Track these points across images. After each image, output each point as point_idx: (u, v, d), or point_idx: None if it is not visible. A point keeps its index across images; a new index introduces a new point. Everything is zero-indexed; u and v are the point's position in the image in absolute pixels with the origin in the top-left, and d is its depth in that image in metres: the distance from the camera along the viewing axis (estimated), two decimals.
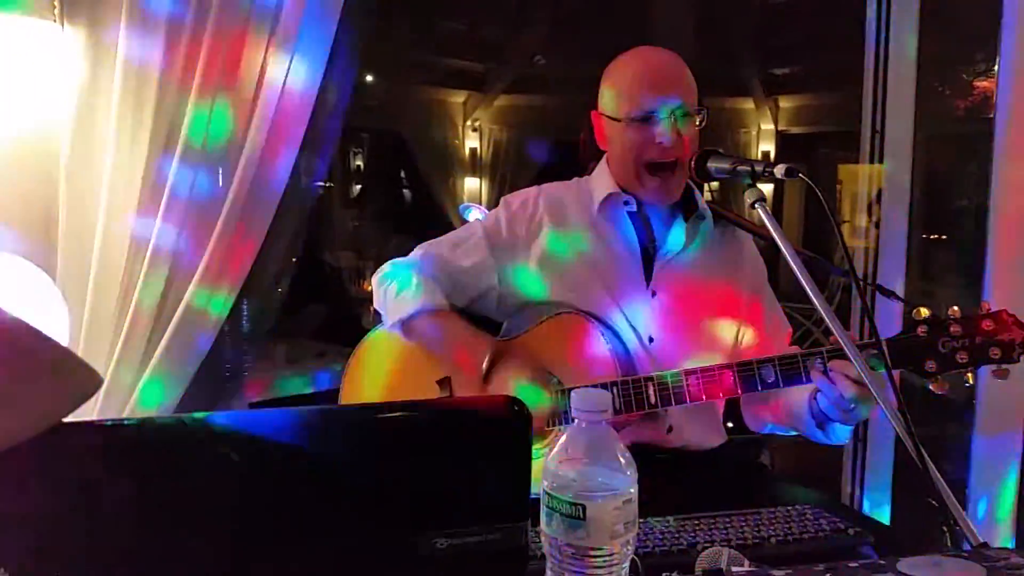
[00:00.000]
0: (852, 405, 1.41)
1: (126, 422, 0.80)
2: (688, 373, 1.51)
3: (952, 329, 1.40)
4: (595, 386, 1.51)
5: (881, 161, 2.71)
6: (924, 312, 1.43)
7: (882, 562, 0.97)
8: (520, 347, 1.64)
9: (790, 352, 1.49)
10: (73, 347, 2.05)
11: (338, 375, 1.84)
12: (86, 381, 0.60)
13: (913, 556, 0.97)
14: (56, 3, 2.04)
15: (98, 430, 0.73)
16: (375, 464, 0.82)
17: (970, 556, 0.98)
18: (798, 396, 1.54)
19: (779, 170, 1.38)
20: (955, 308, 1.42)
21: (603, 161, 1.76)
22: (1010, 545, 2.32)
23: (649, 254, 1.70)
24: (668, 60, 1.66)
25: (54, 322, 1.88)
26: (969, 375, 1.41)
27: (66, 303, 1.94)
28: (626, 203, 1.69)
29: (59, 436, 0.61)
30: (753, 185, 1.43)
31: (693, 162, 1.56)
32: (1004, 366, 1.39)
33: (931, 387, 1.41)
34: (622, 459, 0.89)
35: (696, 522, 1.29)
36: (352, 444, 0.82)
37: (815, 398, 1.51)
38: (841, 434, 1.58)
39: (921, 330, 1.42)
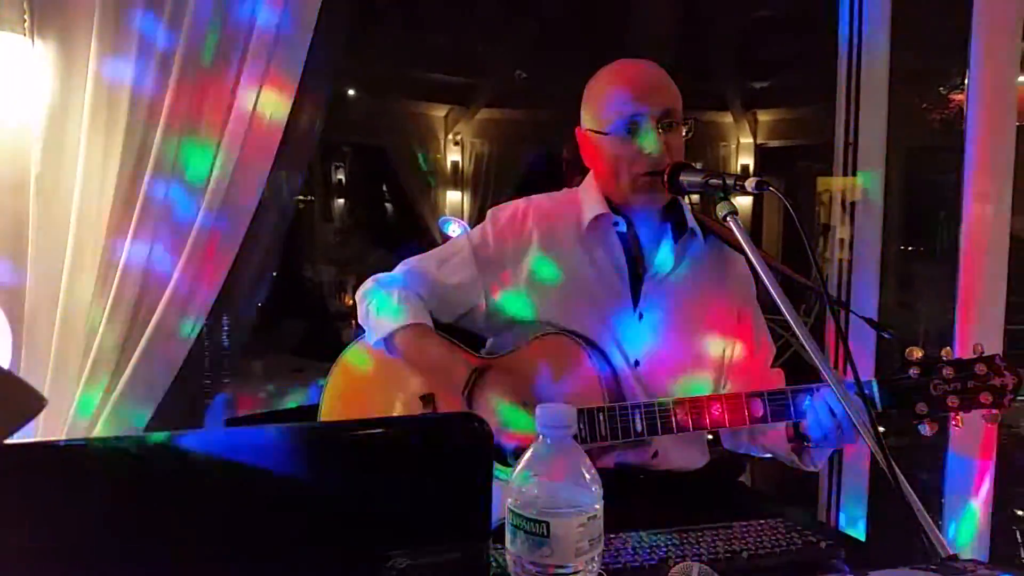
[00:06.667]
0: (833, 434, 1.43)
1: (72, 442, 0.79)
2: (676, 404, 1.49)
3: (945, 372, 1.40)
4: (580, 411, 1.49)
5: (855, 173, 2.73)
6: (917, 352, 1.42)
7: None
8: (505, 368, 1.62)
9: (780, 387, 1.49)
10: (43, 364, 2.02)
11: (317, 390, 1.82)
12: (27, 402, 0.58)
13: (884, 569, 0.97)
14: (26, 17, 2.02)
15: (43, 450, 0.71)
16: (334, 483, 0.81)
17: (939, 568, 0.98)
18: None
19: (750, 184, 1.37)
20: (947, 349, 1.42)
21: (590, 177, 1.73)
22: (983, 556, 2.34)
23: (637, 274, 1.67)
24: (650, 70, 1.64)
25: None
26: (958, 419, 1.40)
27: (9, 323, 1.91)
28: (616, 224, 1.66)
29: (3, 458, 0.60)
30: (725, 198, 1.42)
31: (666, 176, 1.55)
32: (994, 411, 1.39)
33: (920, 428, 1.41)
34: (587, 475, 0.88)
35: (667, 537, 1.28)
36: (310, 463, 0.81)
37: (794, 424, 1.52)
38: (816, 460, 1.59)
39: (914, 372, 1.41)
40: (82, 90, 1.99)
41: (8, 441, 0.58)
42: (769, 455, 1.68)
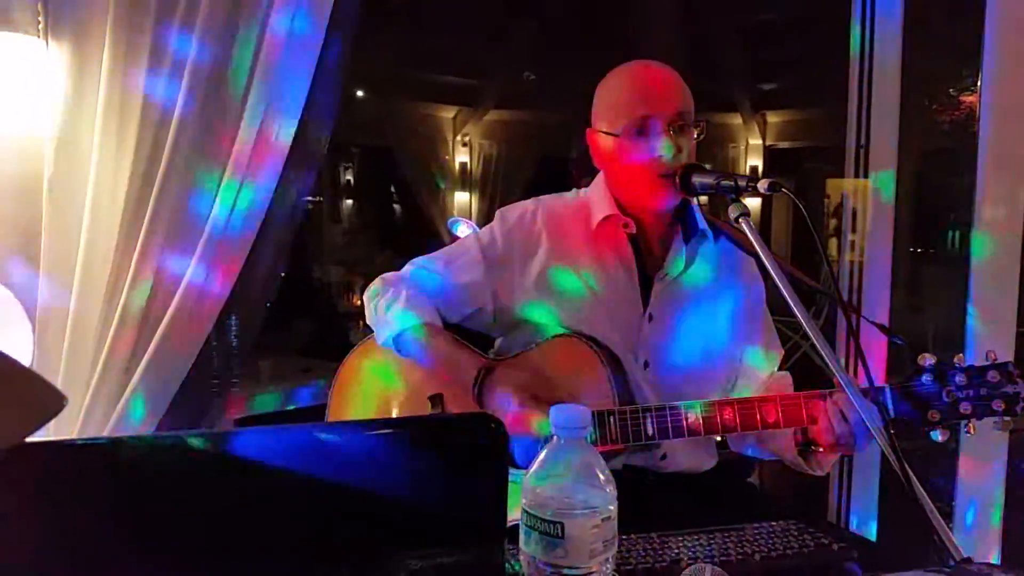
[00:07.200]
0: (844, 440, 1.42)
1: (92, 441, 0.79)
2: (688, 408, 1.49)
3: (957, 379, 1.40)
4: (592, 415, 1.49)
5: (866, 176, 2.72)
6: (930, 359, 1.42)
7: None
8: (514, 369, 1.61)
9: (792, 393, 1.49)
10: (55, 363, 2.03)
11: (324, 391, 1.82)
12: (48, 401, 0.58)
13: (898, 572, 0.97)
14: (40, 19, 2.03)
15: (62, 449, 0.72)
16: (346, 483, 0.81)
17: (953, 572, 0.98)
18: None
19: (762, 185, 1.37)
20: (960, 356, 1.42)
21: (600, 178, 1.72)
22: (996, 558, 2.33)
23: (647, 276, 1.67)
24: (661, 72, 1.63)
25: (15, 341, 1.85)
26: (971, 426, 1.40)
27: (29, 321, 1.92)
28: (625, 225, 1.65)
29: (21, 456, 0.60)
30: (737, 200, 1.42)
31: (678, 178, 1.55)
32: (1006, 418, 1.39)
33: (932, 435, 1.40)
34: (601, 476, 0.88)
35: (679, 538, 1.28)
36: (325, 463, 0.81)
37: (803, 429, 1.51)
38: (822, 465, 1.58)
39: (926, 378, 1.41)
40: (96, 92, 1.99)
41: (28, 440, 0.58)
42: (774, 457, 1.67)
